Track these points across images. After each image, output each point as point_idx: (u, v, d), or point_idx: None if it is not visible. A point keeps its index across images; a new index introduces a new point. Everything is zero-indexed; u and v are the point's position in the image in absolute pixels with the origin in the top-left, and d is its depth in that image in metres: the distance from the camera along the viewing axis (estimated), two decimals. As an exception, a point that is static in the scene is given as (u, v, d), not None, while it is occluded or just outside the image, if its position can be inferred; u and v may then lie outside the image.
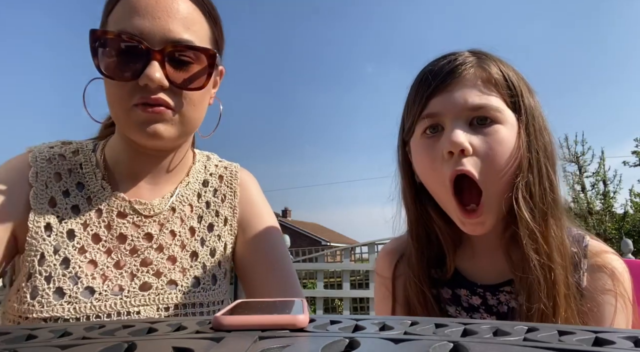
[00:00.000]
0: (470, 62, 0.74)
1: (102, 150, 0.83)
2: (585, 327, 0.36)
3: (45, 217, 0.74)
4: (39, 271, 0.71)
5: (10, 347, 0.32)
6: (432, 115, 0.74)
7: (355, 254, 10.28)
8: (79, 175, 0.79)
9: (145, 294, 0.75)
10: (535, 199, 0.73)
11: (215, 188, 0.90)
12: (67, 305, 0.70)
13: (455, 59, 0.75)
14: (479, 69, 0.74)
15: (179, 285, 0.78)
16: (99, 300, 0.72)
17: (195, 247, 0.82)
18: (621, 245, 4.63)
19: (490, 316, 0.80)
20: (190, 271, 0.80)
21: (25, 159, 0.78)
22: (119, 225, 0.77)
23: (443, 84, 0.73)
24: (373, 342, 0.32)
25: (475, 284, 0.82)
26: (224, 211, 0.89)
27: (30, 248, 0.73)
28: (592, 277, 0.75)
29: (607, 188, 11.96)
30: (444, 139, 0.72)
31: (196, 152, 0.94)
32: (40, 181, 0.76)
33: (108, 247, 0.76)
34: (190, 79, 0.73)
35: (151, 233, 0.79)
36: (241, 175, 0.95)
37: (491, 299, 0.80)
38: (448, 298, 0.84)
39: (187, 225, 0.83)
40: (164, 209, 0.81)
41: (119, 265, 0.76)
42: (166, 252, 0.79)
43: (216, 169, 0.93)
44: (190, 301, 0.78)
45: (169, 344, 0.31)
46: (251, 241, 0.89)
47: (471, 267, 0.83)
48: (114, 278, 0.75)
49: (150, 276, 0.77)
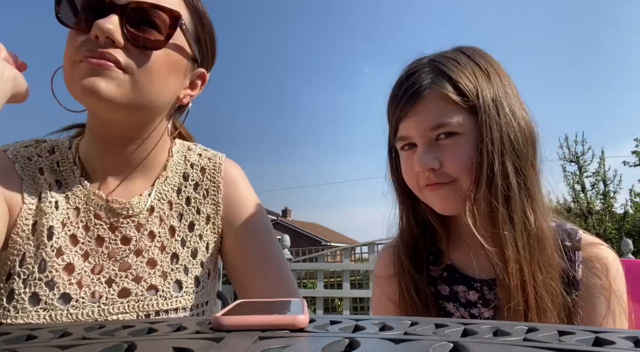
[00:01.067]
0: (424, 86, 0.80)
1: (76, 147, 0.80)
2: (585, 327, 0.36)
3: (33, 214, 0.72)
4: (17, 272, 0.69)
5: (10, 347, 0.32)
6: (404, 138, 0.84)
7: (355, 254, 10.28)
8: (57, 173, 0.77)
9: (124, 301, 0.72)
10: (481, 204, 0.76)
11: (197, 182, 0.85)
12: (43, 312, 0.67)
13: (412, 84, 0.81)
14: (433, 91, 0.79)
15: (160, 290, 0.74)
16: (76, 307, 0.69)
17: (175, 248, 0.78)
18: (621, 245, 4.63)
19: (487, 310, 0.82)
20: (172, 275, 0.76)
21: (4, 156, 0.75)
22: (97, 226, 0.74)
23: (404, 111, 0.82)
24: (373, 342, 0.32)
25: (473, 279, 0.84)
26: (205, 208, 0.83)
27: (14, 246, 0.70)
28: (586, 268, 0.79)
29: (607, 188, 11.96)
30: (415, 159, 0.81)
31: (176, 142, 0.87)
32: (27, 175, 0.74)
33: (85, 251, 0.73)
34: (147, 38, 0.69)
35: (129, 235, 0.76)
36: (226, 167, 0.87)
37: (488, 294, 0.82)
38: (445, 295, 0.86)
39: (167, 224, 0.79)
40: (143, 209, 0.77)
41: (96, 270, 0.73)
42: (145, 256, 0.76)
43: (199, 159, 0.87)
44: (172, 306, 0.75)
45: (169, 344, 0.31)
46: (240, 241, 0.83)
47: (467, 262, 0.85)
48: (91, 284, 0.71)
49: (129, 282, 0.73)
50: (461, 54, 0.84)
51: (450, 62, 0.82)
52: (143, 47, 0.68)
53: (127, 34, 0.67)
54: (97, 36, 0.65)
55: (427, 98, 0.80)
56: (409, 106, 0.81)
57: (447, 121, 0.78)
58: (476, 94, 0.79)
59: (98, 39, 0.66)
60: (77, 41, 0.67)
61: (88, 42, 0.66)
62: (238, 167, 0.91)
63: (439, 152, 0.79)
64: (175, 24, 0.70)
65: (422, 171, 0.80)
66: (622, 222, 11.40)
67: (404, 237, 0.90)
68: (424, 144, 0.80)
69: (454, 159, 0.78)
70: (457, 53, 0.84)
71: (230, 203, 0.85)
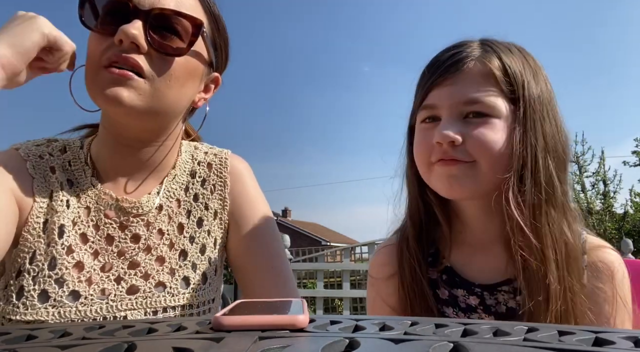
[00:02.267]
0: (472, 56, 0.75)
1: (88, 147, 0.80)
2: (585, 327, 0.36)
3: (45, 212, 0.73)
4: (27, 269, 0.70)
5: (10, 348, 0.32)
6: (430, 106, 0.78)
7: (355, 254, 10.29)
8: (68, 172, 0.77)
9: (132, 297, 0.73)
10: (527, 196, 0.73)
11: (204, 178, 0.86)
12: (52, 309, 0.68)
13: (459, 52, 0.76)
14: (479, 63, 0.75)
15: (168, 287, 0.76)
16: (85, 305, 0.70)
17: (184, 245, 0.80)
18: (621, 245, 4.63)
19: (488, 317, 0.80)
20: (180, 271, 0.78)
21: (16, 154, 0.76)
22: (107, 225, 0.75)
23: (442, 77, 0.75)
24: (373, 342, 0.32)
25: (473, 284, 0.81)
26: (213, 203, 0.84)
27: (25, 244, 0.71)
28: (590, 273, 0.76)
29: (607, 188, 11.95)
30: (436, 129, 0.75)
31: (183, 143, 0.89)
32: (39, 173, 0.74)
33: (95, 249, 0.74)
34: (170, 44, 0.70)
35: (139, 234, 0.77)
36: (232, 162, 0.88)
37: (489, 299, 0.80)
38: (445, 299, 0.84)
39: (176, 222, 0.80)
40: (152, 208, 0.78)
41: (106, 268, 0.74)
42: (154, 253, 0.77)
43: (205, 156, 0.88)
44: (180, 303, 0.76)
45: (169, 344, 0.31)
46: (245, 236, 0.84)
47: (468, 265, 0.83)
48: (100, 282, 0.72)
49: (137, 279, 0.74)
50: (512, 46, 0.80)
51: (502, 46, 0.79)
52: (166, 54, 0.70)
53: (150, 40, 0.68)
54: (122, 40, 0.66)
55: (470, 69, 0.74)
56: (448, 73, 0.75)
57: (484, 99, 0.73)
58: (522, 84, 0.75)
59: (122, 43, 0.66)
60: (101, 45, 0.68)
61: (112, 47, 0.67)
62: (244, 162, 0.92)
63: (464, 127, 0.73)
64: (198, 31, 0.72)
65: (440, 142, 0.73)
66: (622, 222, 11.39)
67: (413, 217, 0.86)
68: (451, 116, 0.74)
69: (481, 138, 0.72)
70: (508, 43, 0.81)
71: (237, 198, 0.86)
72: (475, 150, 0.73)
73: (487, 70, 0.74)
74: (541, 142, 0.74)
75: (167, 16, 0.69)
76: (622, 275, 0.76)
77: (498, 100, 0.74)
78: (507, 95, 0.75)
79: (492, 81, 0.74)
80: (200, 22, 0.72)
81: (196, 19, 0.71)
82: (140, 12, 0.67)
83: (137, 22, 0.67)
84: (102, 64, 0.67)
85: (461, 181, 0.74)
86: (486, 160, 0.73)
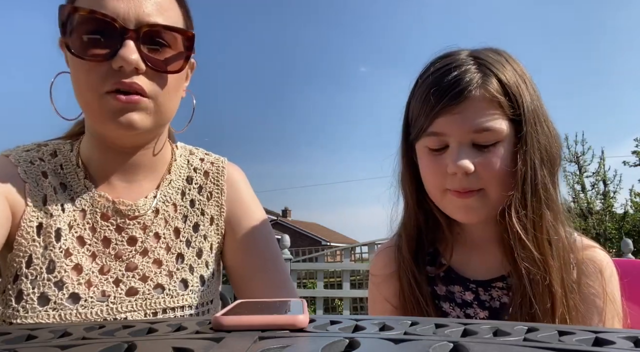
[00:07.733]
0: (475, 83, 0.75)
1: (77, 149, 0.80)
2: (585, 327, 0.36)
3: (38, 216, 0.72)
4: (25, 273, 0.69)
5: (10, 347, 0.32)
6: (438, 134, 0.77)
7: (355, 254, 10.27)
8: (61, 176, 0.77)
9: (132, 299, 0.73)
10: (528, 209, 0.75)
11: (201, 185, 0.86)
12: (52, 312, 0.68)
13: (461, 79, 0.76)
14: (482, 90, 0.75)
15: (166, 289, 0.76)
16: (85, 307, 0.70)
17: (180, 248, 0.80)
18: (621, 245, 4.63)
19: (482, 311, 0.82)
20: (177, 274, 0.78)
21: (7, 161, 0.75)
22: (103, 228, 0.75)
23: (449, 106, 0.75)
24: (373, 342, 0.32)
25: (468, 280, 0.84)
26: (210, 209, 0.85)
27: (19, 248, 0.71)
28: (579, 271, 0.78)
29: (607, 188, 11.94)
30: (449, 159, 0.76)
31: (178, 146, 0.89)
32: (31, 178, 0.74)
33: (93, 251, 0.74)
34: (167, 61, 0.69)
35: (135, 236, 0.77)
36: (228, 171, 0.90)
37: (483, 295, 0.83)
38: (442, 295, 0.86)
39: (172, 226, 0.81)
40: (148, 211, 0.79)
41: (104, 270, 0.74)
42: (151, 256, 0.77)
43: (201, 164, 0.89)
44: (179, 304, 0.76)
45: (169, 344, 0.31)
46: (241, 242, 0.85)
47: (464, 262, 0.86)
48: (99, 284, 0.73)
49: (136, 281, 0.75)
50: (500, 56, 0.80)
51: (494, 61, 0.78)
52: (165, 72, 0.70)
53: (146, 60, 0.68)
54: (121, 67, 0.66)
55: (476, 97, 0.75)
56: (454, 101, 0.75)
57: (492, 127, 0.74)
58: (522, 103, 0.76)
59: (121, 69, 0.66)
60: (97, 72, 0.67)
61: (110, 73, 0.66)
62: (240, 170, 0.93)
63: (475, 155, 0.75)
64: (192, 44, 0.73)
65: (455, 173, 0.75)
66: (622, 222, 11.38)
67: (408, 229, 0.88)
68: (461, 145, 0.76)
69: (489, 165, 0.75)
70: (496, 54, 0.81)
71: (233, 205, 0.88)
72: (486, 177, 0.75)
73: (490, 96, 0.76)
74: (538, 155, 0.77)
75: (157, 32, 0.69)
76: (611, 273, 0.78)
77: (503, 124, 0.76)
78: (509, 116, 0.76)
79: (496, 105, 0.76)
80: (192, 34, 0.72)
81: (187, 31, 0.71)
82: (127, 32, 0.66)
83: (130, 44, 0.65)
84: (104, 91, 0.67)
85: (477, 211, 0.77)
86: (494, 187, 0.76)
